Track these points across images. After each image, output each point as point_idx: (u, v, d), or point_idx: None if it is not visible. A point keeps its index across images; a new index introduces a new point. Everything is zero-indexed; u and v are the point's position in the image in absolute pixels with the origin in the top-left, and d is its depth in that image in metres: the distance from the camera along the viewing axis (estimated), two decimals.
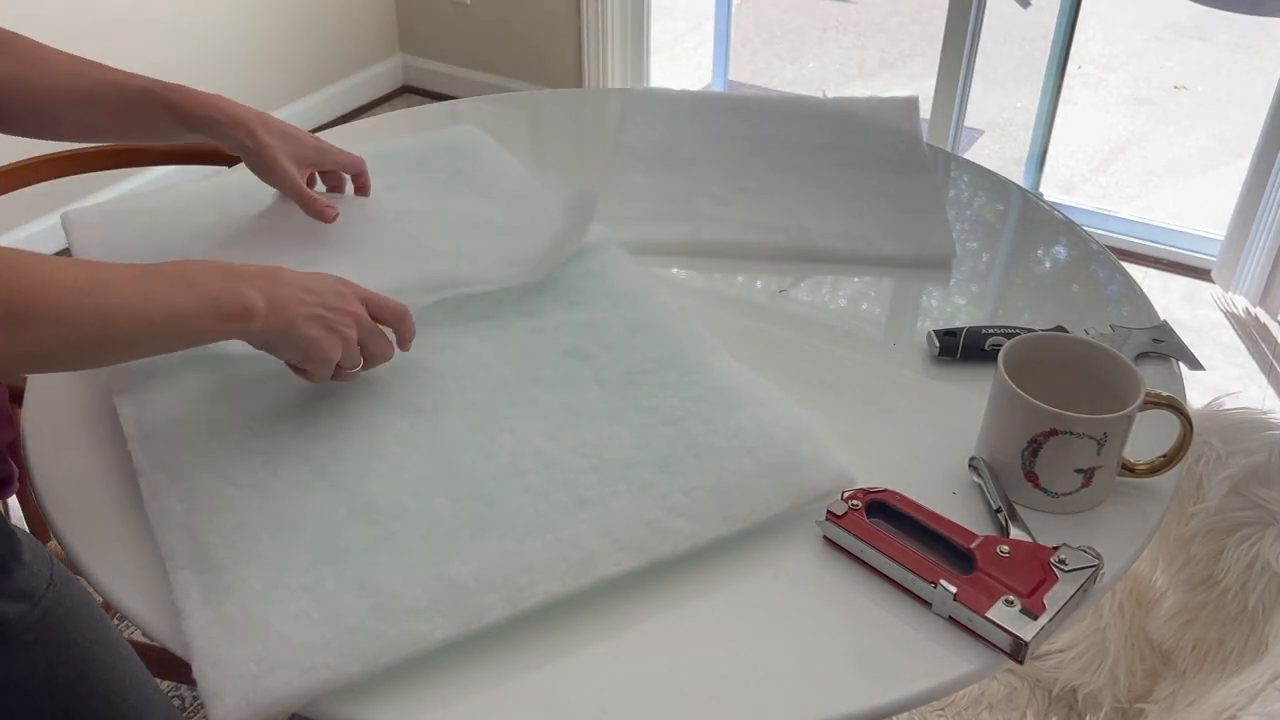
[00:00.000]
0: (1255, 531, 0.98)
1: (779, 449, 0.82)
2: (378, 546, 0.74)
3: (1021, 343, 0.84)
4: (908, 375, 0.97)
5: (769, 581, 0.76)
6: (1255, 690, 0.86)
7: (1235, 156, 3.33)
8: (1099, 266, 1.14)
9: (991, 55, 3.99)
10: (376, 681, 0.68)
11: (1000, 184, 1.31)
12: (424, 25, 3.34)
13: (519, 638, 0.71)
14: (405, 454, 0.82)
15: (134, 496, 0.80)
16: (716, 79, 3.28)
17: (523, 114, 1.44)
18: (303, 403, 0.87)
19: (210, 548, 0.74)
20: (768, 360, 0.97)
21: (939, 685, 0.69)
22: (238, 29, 2.87)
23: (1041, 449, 0.79)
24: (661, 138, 1.35)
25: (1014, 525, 0.77)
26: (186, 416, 0.85)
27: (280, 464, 0.81)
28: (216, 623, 0.69)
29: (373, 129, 1.39)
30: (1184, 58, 4.10)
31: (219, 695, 0.64)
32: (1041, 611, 0.70)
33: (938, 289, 1.10)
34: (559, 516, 0.76)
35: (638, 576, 0.75)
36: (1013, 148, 3.35)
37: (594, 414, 0.86)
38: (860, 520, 0.77)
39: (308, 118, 3.13)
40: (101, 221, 1.09)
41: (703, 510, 0.77)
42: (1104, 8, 4.48)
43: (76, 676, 0.74)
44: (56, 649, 0.72)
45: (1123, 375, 0.82)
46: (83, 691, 0.74)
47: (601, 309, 0.99)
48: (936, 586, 0.72)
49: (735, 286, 1.10)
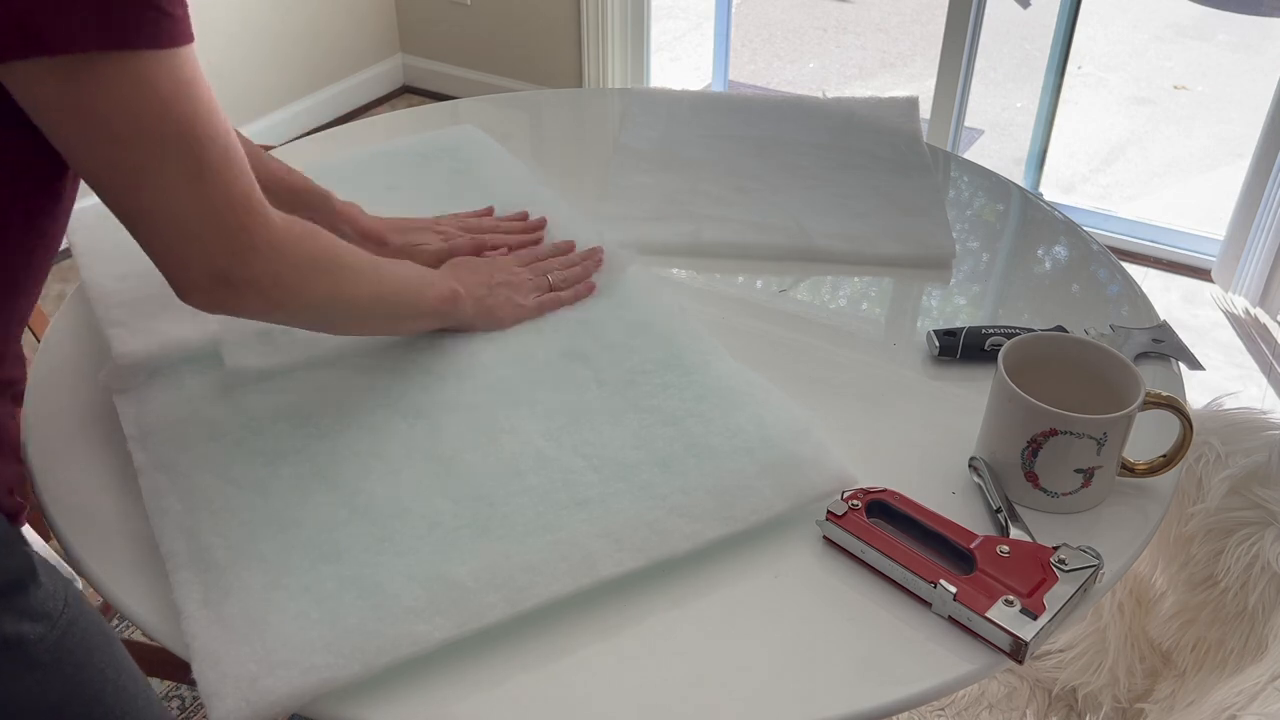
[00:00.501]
0: (1255, 531, 0.98)
1: (779, 449, 0.82)
2: (378, 546, 0.74)
3: (1021, 343, 0.84)
4: (908, 375, 0.97)
5: (769, 581, 0.76)
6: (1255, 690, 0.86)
7: (1235, 156, 3.33)
8: (1099, 266, 1.15)
9: (991, 55, 3.99)
10: (376, 681, 0.68)
11: (1000, 184, 1.31)
12: (424, 25, 3.34)
13: (519, 638, 0.71)
14: (405, 454, 0.82)
15: (134, 496, 0.80)
16: (716, 79, 3.28)
17: (523, 114, 1.44)
18: (303, 403, 0.87)
19: (210, 548, 0.74)
20: (768, 360, 0.97)
21: (939, 685, 0.69)
22: (238, 29, 2.87)
23: (1041, 449, 0.79)
24: (661, 138, 1.35)
25: (1014, 525, 0.77)
26: (186, 416, 0.86)
27: (280, 464, 0.81)
28: (216, 623, 0.69)
29: (373, 129, 1.39)
30: (1184, 58, 4.10)
31: (219, 695, 0.64)
32: (1041, 611, 0.70)
33: (938, 289, 1.11)
34: (559, 517, 0.76)
35: (638, 576, 0.75)
36: (1013, 148, 3.35)
37: (594, 414, 0.86)
38: (860, 520, 0.77)
39: (308, 118, 3.14)
40: (101, 221, 1.09)
41: (703, 510, 0.77)
42: (1104, 8, 4.48)
43: (93, 699, 0.73)
44: (74, 670, 0.72)
45: (1123, 375, 0.82)
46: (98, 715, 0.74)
47: (601, 309, 0.99)
48: (936, 586, 0.72)
49: (735, 286, 1.10)
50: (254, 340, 0.91)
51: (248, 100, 2.94)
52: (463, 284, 0.93)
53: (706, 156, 1.31)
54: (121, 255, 1.03)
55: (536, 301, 0.98)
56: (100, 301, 0.97)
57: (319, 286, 0.77)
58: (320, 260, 0.78)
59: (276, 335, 0.92)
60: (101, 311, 0.96)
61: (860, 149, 1.33)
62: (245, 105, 2.94)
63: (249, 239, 0.71)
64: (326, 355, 0.91)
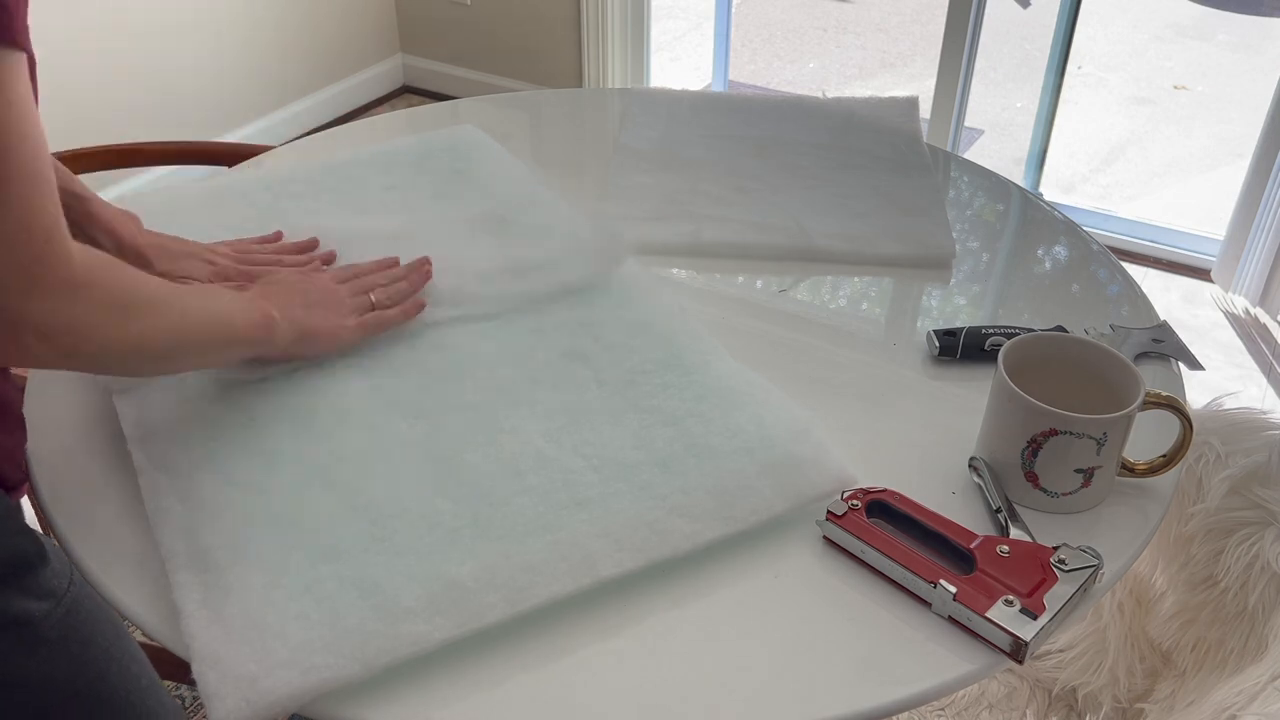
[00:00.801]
0: (1255, 531, 0.98)
1: (779, 449, 0.82)
2: (378, 546, 0.74)
3: (1021, 343, 0.84)
4: (908, 375, 0.97)
5: (769, 581, 0.76)
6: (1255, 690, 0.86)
7: (1235, 156, 3.33)
8: (1099, 266, 1.15)
9: (991, 55, 3.99)
10: (376, 682, 0.68)
11: (1000, 184, 1.31)
12: (424, 25, 3.34)
13: (519, 638, 0.71)
14: (405, 454, 0.82)
15: (134, 496, 0.80)
16: (716, 79, 3.28)
17: (523, 114, 1.44)
18: (303, 403, 0.87)
19: (210, 548, 0.74)
20: (768, 360, 0.97)
21: (939, 685, 0.69)
22: (238, 29, 2.87)
23: (1041, 449, 0.79)
24: (662, 138, 1.35)
25: (1014, 525, 0.77)
26: (186, 416, 0.85)
27: (280, 464, 0.81)
28: (216, 623, 0.69)
29: (373, 129, 1.39)
30: (1184, 58, 4.10)
31: (218, 696, 0.64)
32: (1041, 611, 0.70)
33: (938, 289, 1.11)
34: (559, 517, 0.76)
35: (638, 576, 0.75)
36: (1013, 148, 3.35)
37: (594, 414, 0.86)
38: (860, 520, 0.77)
39: (308, 118, 3.14)
40: None
41: (702, 510, 0.77)
42: (1104, 8, 4.48)
43: (97, 677, 0.74)
44: (79, 648, 0.72)
45: (1123, 375, 0.82)
46: (104, 693, 0.74)
47: (601, 309, 0.99)
48: (936, 586, 0.72)
49: (735, 286, 1.10)
50: None
51: (248, 100, 2.95)
52: (276, 306, 0.84)
53: (706, 156, 1.31)
54: None
55: (358, 322, 0.90)
56: None
57: (115, 331, 0.68)
58: (119, 301, 0.68)
59: None
60: None
61: (860, 149, 1.33)
62: (245, 105, 2.94)
63: (42, 278, 0.62)
64: (326, 357, 0.91)
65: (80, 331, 0.65)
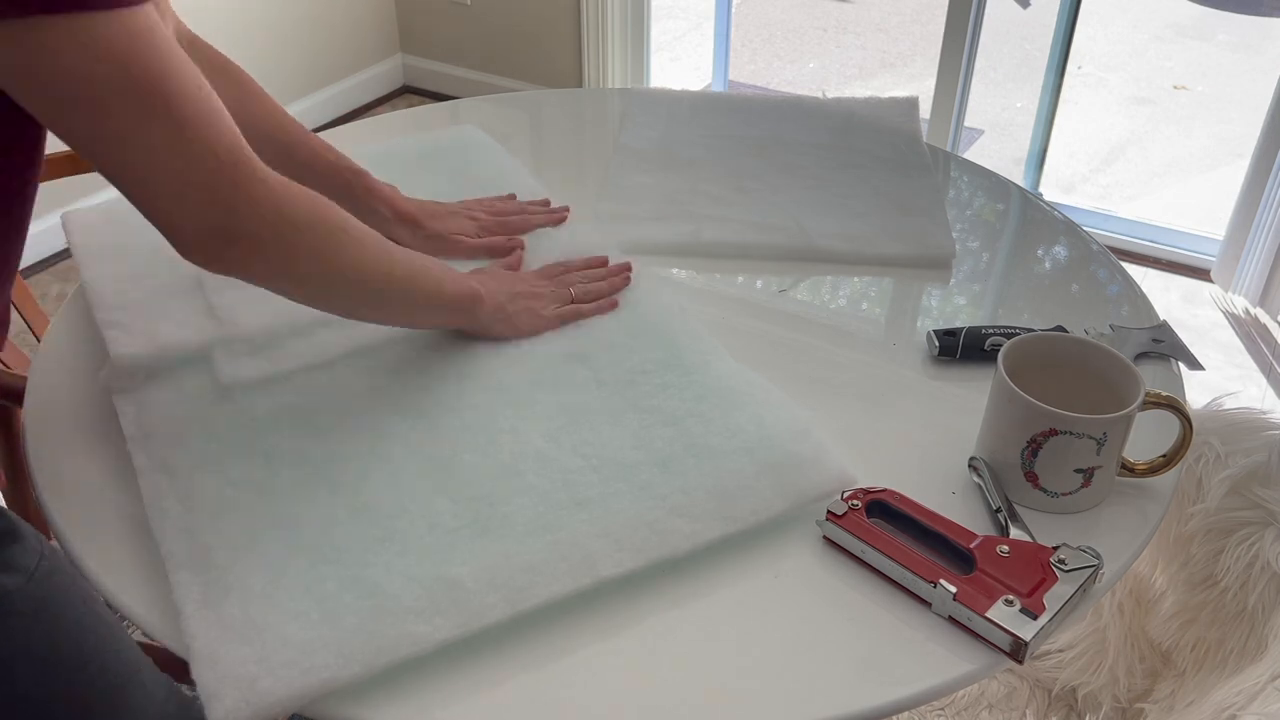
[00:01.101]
0: (1255, 531, 0.98)
1: (779, 449, 0.82)
2: (378, 547, 0.74)
3: (1021, 343, 0.84)
4: (908, 375, 0.97)
5: (769, 581, 0.76)
6: (1255, 690, 0.87)
7: (1235, 156, 3.33)
8: (1099, 266, 1.15)
9: (991, 55, 3.99)
10: (376, 682, 0.68)
11: (1000, 184, 1.31)
12: (424, 25, 3.34)
13: (519, 638, 0.71)
14: (405, 454, 0.82)
15: (134, 496, 0.80)
16: (716, 79, 3.28)
17: (523, 114, 1.44)
18: (302, 403, 0.87)
19: (210, 548, 0.74)
20: (768, 360, 0.97)
21: (939, 685, 0.69)
22: (238, 29, 2.87)
23: (1041, 449, 0.79)
24: (661, 138, 1.35)
25: (1014, 525, 0.77)
26: (186, 416, 0.86)
27: (280, 464, 0.81)
28: (216, 623, 0.69)
29: (373, 129, 1.39)
30: (1184, 58, 4.10)
31: (218, 696, 0.64)
32: (1041, 611, 0.70)
33: (938, 289, 1.11)
34: (559, 517, 0.76)
35: (638, 576, 0.75)
36: (1013, 148, 3.35)
37: (594, 414, 0.86)
38: (860, 520, 0.77)
39: (308, 118, 3.14)
40: (101, 221, 1.09)
41: (702, 510, 0.77)
42: (1104, 8, 4.48)
43: (73, 647, 0.75)
44: (52, 620, 0.74)
45: (1123, 375, 0.82)
46: (79, 662, 0.76)
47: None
48: (936, 586, 0.72)
49: (735, 286, 1.10)
50: (246, 353, 0.91)
51: None
52: (484, 287, 0.92)
53: (706, 156, 1.31)
54: (121, 256, 1.03)
55: (556, 313, 0.97)
56: (99, 302, 0.97)
57: (324, 250, 0.75)
58: (323, 223, 0.75)
59: (269, 346, 0.92)
60: (100, 312, 0.96)
61: (860, 149, 1.33)
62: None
63: (241, 193, 0.68)
64: (326, 357, 0.91)
65: (291, 245, 0.72)
